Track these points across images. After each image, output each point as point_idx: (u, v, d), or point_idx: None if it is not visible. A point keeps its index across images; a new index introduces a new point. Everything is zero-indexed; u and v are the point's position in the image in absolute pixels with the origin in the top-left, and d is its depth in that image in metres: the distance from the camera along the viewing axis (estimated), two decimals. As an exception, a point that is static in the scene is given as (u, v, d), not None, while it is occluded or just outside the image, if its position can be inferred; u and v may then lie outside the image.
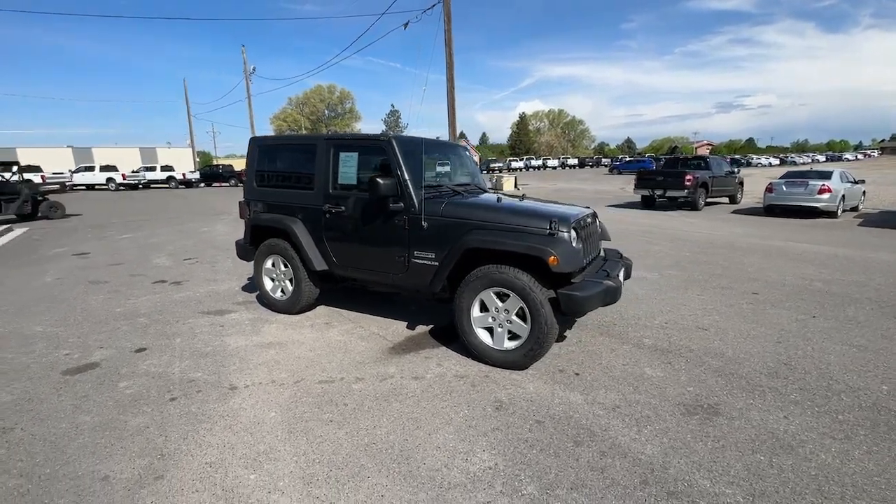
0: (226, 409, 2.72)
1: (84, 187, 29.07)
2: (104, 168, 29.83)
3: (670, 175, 14.10)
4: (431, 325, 4.09)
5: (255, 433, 2.48)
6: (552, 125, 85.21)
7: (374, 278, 3.92)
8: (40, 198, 13.27)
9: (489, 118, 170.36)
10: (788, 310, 4.46)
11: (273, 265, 4.40)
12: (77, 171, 29.46)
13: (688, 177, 13.47)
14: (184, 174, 32.79)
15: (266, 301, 4.57)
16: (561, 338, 3.81)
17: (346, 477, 2.12)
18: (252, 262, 4.63)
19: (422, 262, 3.55)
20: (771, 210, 12.37)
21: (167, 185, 31.71)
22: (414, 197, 3.55)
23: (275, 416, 2.64)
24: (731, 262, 6.60)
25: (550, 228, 3.12)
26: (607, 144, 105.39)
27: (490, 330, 3.28)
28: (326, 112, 76.17)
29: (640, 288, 5.29)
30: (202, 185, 33.94)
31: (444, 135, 14.17)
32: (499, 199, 3.71)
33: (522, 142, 78.06)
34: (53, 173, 26.96)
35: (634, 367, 3.26)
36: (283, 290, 4.40)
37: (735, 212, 13.32)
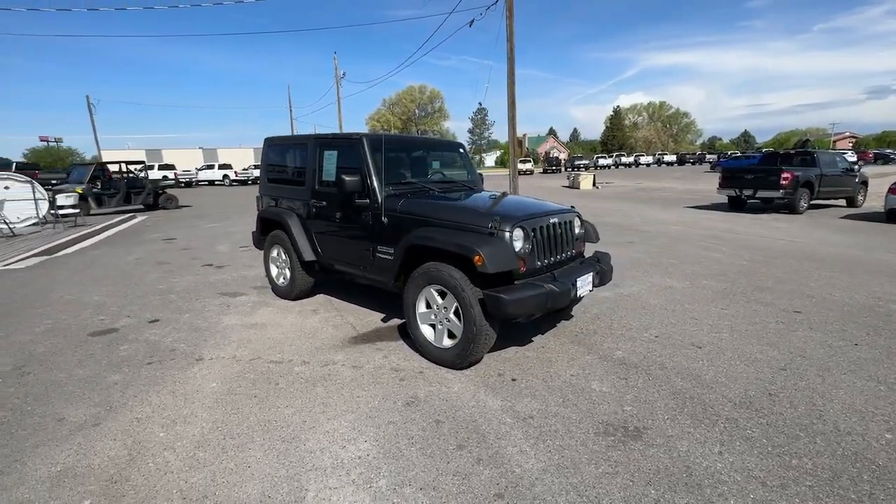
0: (182, 377, 3.12)
1: (206, 182, 33.90)
2: (222, 166, 34.46)
3: (763, 173, 12.28)
4: (404, 321, 4.17)
5: (188, 399, 2.81)
6: (651, 119, 78.67)
7: (350, 271, 4.11)
8: (160, 191, 15.86)
9: (585, 113, 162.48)
10: (827, 334, 3.73)
11: (277, 254, 4.84)
12: (201, 169, 34.45)
13: (784, 174, 11.62)
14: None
15: (271, 286, 5.04)
16: (526, 341, 3.65)
17: (233, 446, 2.34)
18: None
19: (383, 256, 3.66)
20: (893, 215, 10.18)
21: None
22: (378, 193, 3.66)
23: (214, 387, 2.96)
24: (793, 274, 5.64)
25: (490, 227, 3.03)
26: (719, 139, 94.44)
27: (434, 327, 3.28)
28: (417, 112, 79.13)
29: (657, 297, 4.80)
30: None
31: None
32: (460, 198, 3.67)
33: (616, 137, 73.27)
34: (183, 171, 31.88)
35: (583, 379, 3.02)
36: (284, 277, 4.81)
37: (848, 216, 11.20)
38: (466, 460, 2.20)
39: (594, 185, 24.30)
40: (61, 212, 10.78)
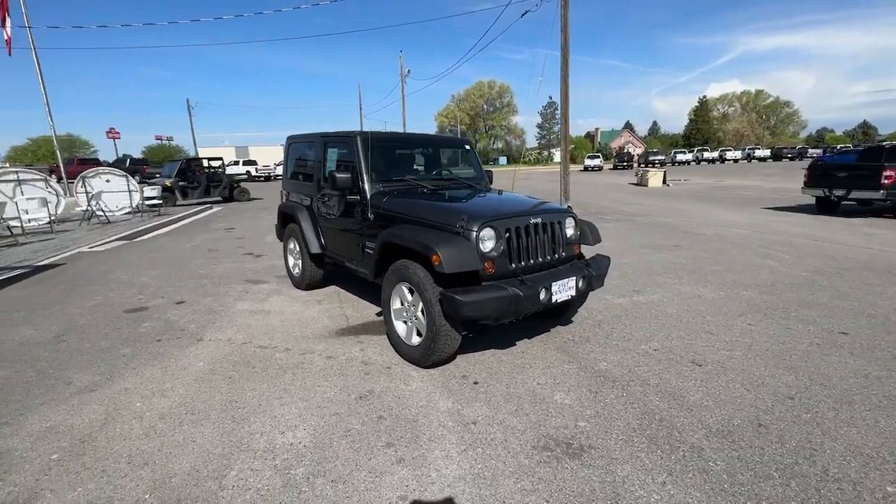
0: (178, 354, 3.44)
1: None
2: None
3: (860, 170, 10.60)
4: (398, 315, 4.23)
5: (174, 375, 3.11)
6: (745, 109, 70.98)
7: (347, 264, 4.25)
8: (235, 185, 17.44)
9: (668, 105, 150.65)
10: (869, 361, 3.17)
11: (293, 246, 5.13)
12: (278, 164, 37.33)
13: (886, 172, 9.93)
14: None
15: (288, 276, 5.35)
16: (507, 345, 3.53)
17: (189, 420, 2.55)
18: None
19: (369, 251, 3.74)
20: None
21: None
22: (367, 190, 3.74)
23: (200, 366, 3.24)
24: (860, 290, 4.83)
25: (457, 226, 2.96)
26: (830, 130, 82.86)
27: (406, 323, 3.29)
28: (485, 107, 78.78)
29: (678, 307, 4.38)
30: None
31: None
32: (445, 196, 3.62)
33: (700, 130, 67.16)
34: (262, 166, 34.74)
35: (548, 389, 2.86)
36: (297, 268, 5.09)
37: (972, 223, 9.33)
38: (388, 459, 2.20)
39: (664, 182, 22.57)
40: (148, 202, 12.29)
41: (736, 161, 47.58)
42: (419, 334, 3.15)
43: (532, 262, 3.19)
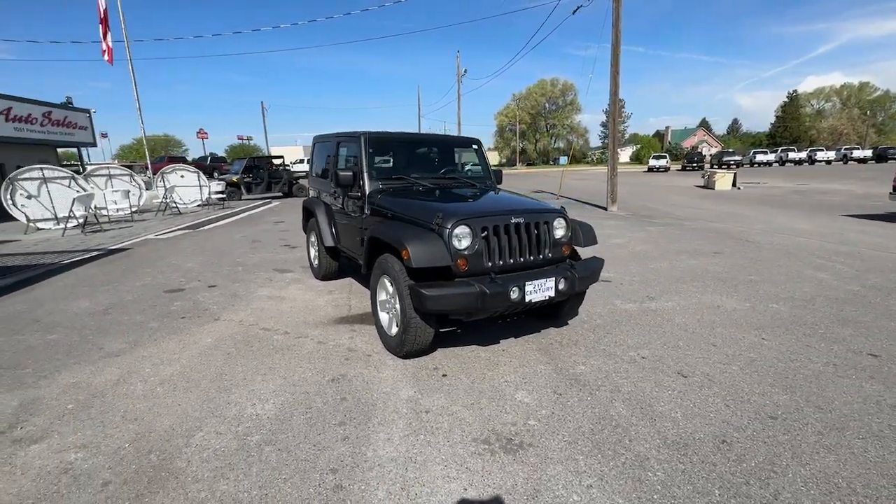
0: (195, 330, 3.87)
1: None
2: None
3: (964, 174, 9.14)
4: (398, 307, 4.40)
5: (184, 347, 3.51)
6: (845, 105, 63.13)
7: (352, 256, 4.49)
8: (294, 181, 18.66)
9: (753, 101, 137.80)
10: (891, 387, 2.83)
11: (314, 240, 5.49)
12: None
13: None
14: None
15: (310, 266, 5.73)
16: (490, 342, 3.57)
17: (183, 387, 2.89)
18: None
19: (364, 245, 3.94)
20: None
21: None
22: (366, 187, 3.94)
23: (208, 342, 3.62)
24: (918, 308, 4.25)
25: (433, 223, 3.06)
26: (956, 128, 71.16)
27: (388, 314, 3.45)
28: (547, 105, 77.04)
29: (689, 316, 4.14)
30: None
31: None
32: (436, 194, 3.72)
33: (789, 128, 60.71)
34: None
35: (513, 387, 2.88)
36: (316, 260, 5.44)
37: None
38: (335, 436, 2.37)
39: (734, 185, 20.82)
40: (213, 196, 13.56)
41: (828, 163, 42.48)
42: (398, 325, 3.29)
43: (512, 261, 3.20)
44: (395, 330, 3.31)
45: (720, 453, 2.22)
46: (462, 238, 3.02)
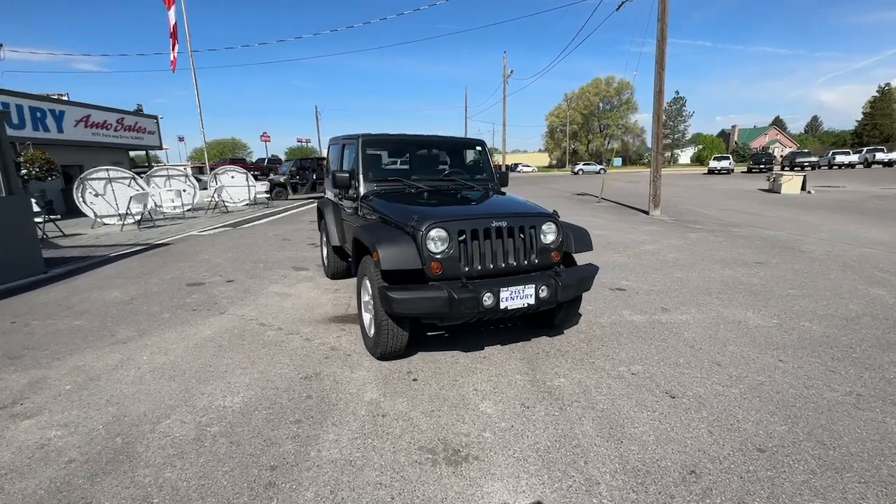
0: (199, 322, 4.09)
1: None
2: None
3: None
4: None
5: (184, 339, 3.71)
6: (953, 98, 55.47)
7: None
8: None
9: (839, 96, 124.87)
10: (921, 425, 2.43)
11: (325, 238, 5.63)
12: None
13: None
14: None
15: (322, 264, 5.89)
16: (474, 349, 3.48)
17: (169, 375, 3.06)
18: (328, 235, 6.01)
19: (360, 246, 3.98)
20: None
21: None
22: (361, 188, 3.99)
23: (206, 334, 3.81)
24: None
25: (409, 226, 3.03)
26: None
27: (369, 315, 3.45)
28: (601, 105, 74.40)
29: (701, 331, 3.81)
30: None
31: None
32: (424, 197, 3.68)
33: (879, 126, 54.32)
34: None
35: (480, 397, 2.78)
36: (327, 259, 5.58)
37: None
38: (286, 433, 2.40)
39: (803, 188, 18.96)
40: (259, 196, 14.36)
41: (927, 164, 37.50)
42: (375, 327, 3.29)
43: (492, 266, 3.10)
44: (373, 331, 3.31)
45: (683, 485, 2.00)
46: (436, 241, 2.97)
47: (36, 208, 8.97)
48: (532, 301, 3.05)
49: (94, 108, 15.35)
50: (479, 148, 4.73)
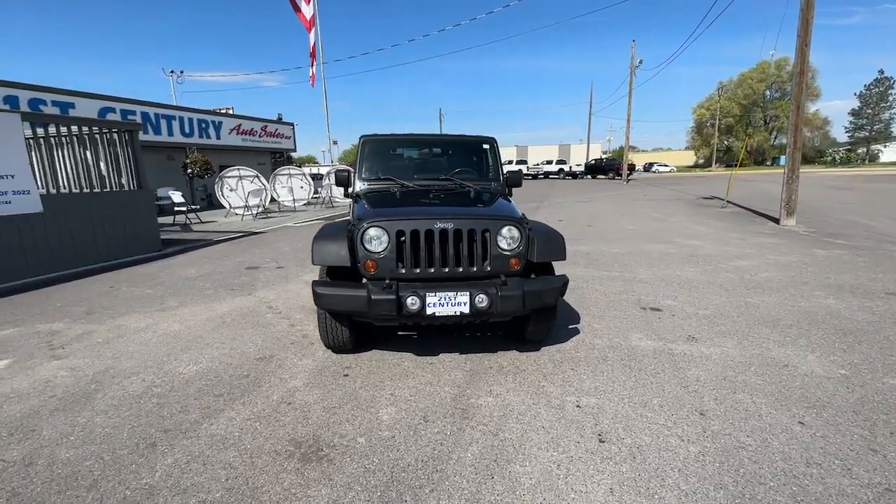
0: (227, 300, 4.72)
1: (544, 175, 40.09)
2: (559, 161, 39.92)
3: None
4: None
5: (204, 312, 4.33)
6: None
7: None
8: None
9: None
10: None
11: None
12: (544, 162, 41.01)
13: None
14: (570, 167, 37.95)
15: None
16: (429, 353, 3.35)
17: (169, 342, 3.62)
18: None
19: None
20: None
21: (558, 176, 37.73)
22: (355, 187, 4.13)
23: (223, 311, 4.38)
24: None
25: (354, 224, 3.06)
26: None
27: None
28: (768, 93, 62.87)
29: (720, 371, 3.07)
30: (587, 176, 37.93)
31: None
32: (401, 196, 3.64)
33: None
34: (534, 164, 38.78)
35: (388, 403, 2.68)
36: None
37: None
38: (202, 404, 2.65)
39: None
40: (315, 196, 15.84)
41: None
42: (327, 320, 3.40)
43: (432, 270, 2.95)
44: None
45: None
46: (373, 240, 2.94)
47: (180, 199, 11.31)
48: (466, 310, 2.82)
49: (244, 118, 18.67)
50: (486, 147, 4.49)
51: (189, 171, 13.68)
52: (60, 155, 6.44)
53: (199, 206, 14.79)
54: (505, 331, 3.77)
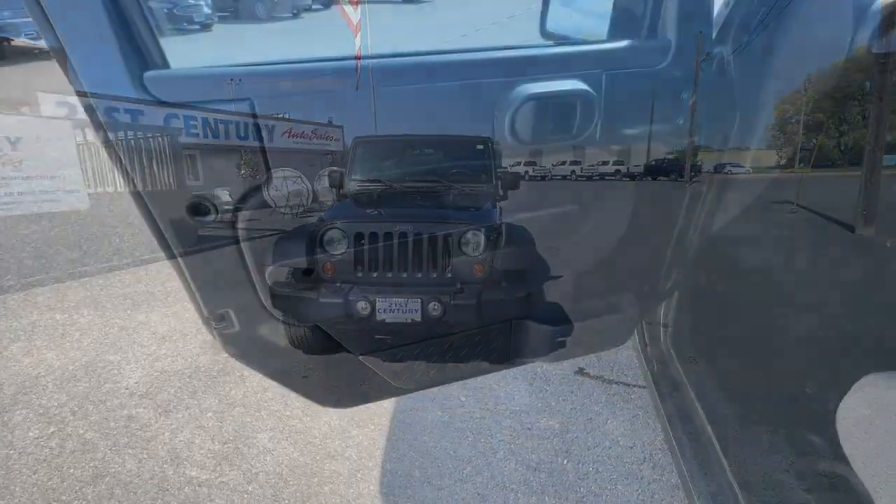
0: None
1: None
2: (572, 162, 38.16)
3: None
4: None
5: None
6: None
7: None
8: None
9: None
10: None
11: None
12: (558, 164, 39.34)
13: None
14: (627, 167, 36.24)
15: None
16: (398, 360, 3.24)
17: (167, 335, 3.79)
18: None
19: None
20: None
21: (614, 178, 36.20)
22: (346, 188, 4.11)
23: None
24: None
25: (318, 225, 3.03)
26: None
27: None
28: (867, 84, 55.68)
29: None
30: (647, 178, 35.90)
31: None
32: (378, 196, 3.55)
33: None
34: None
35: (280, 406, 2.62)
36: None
37: None
38: (167, 396, 2.76)
39: None
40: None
41: None
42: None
43: (390, 274, 2.84)
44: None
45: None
46: (332, 242, 2.88)
47: (227, 198, 12.09)
48: (418, 318, 2.68)
49: (296, 122, 19.63)
50: (479, 147, 4.26)
51: (242, 171, 14.60)
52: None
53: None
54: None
